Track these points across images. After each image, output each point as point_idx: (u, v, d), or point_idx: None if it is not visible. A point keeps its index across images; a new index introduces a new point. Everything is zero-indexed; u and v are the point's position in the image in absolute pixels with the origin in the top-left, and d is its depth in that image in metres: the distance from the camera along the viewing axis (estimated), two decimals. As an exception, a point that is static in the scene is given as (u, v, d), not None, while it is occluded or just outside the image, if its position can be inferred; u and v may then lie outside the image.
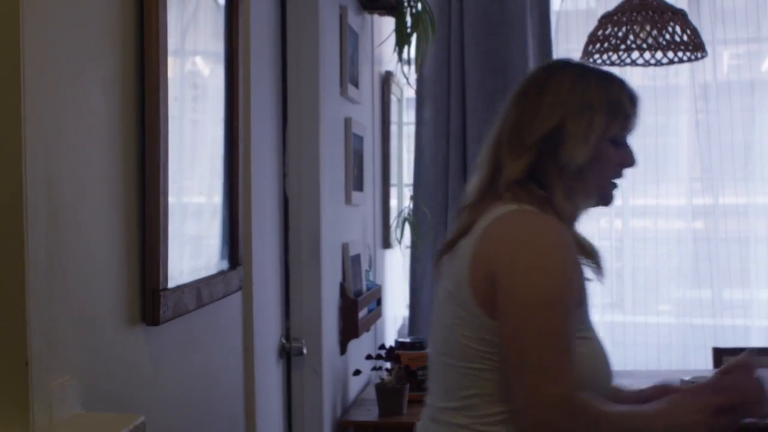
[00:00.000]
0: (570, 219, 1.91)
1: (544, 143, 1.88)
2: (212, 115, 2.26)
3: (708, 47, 3.67)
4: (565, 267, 1.81)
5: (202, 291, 2.04)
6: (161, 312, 1.82)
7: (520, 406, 1.77)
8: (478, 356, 1.82)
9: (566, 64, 2.00)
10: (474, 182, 1.98)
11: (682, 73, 4.73)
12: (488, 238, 1.83)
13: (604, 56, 3.72)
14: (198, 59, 2.20)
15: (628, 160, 1.96)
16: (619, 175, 1.98)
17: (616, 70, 4.57)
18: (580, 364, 1.80)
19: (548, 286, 1.79)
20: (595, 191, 1.93)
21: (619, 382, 2.15)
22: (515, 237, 1.84)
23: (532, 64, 4.64)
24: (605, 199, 1.98)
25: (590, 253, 1.94)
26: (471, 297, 1.81)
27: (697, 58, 3.60)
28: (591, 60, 3.74)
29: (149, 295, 1.81)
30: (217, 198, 2.26)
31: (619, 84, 1.96)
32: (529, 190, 1.88)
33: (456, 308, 1.84)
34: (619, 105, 1.92)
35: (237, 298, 2.45)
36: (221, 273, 2.22)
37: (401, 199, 4.89)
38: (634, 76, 4.76)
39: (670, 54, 3.62)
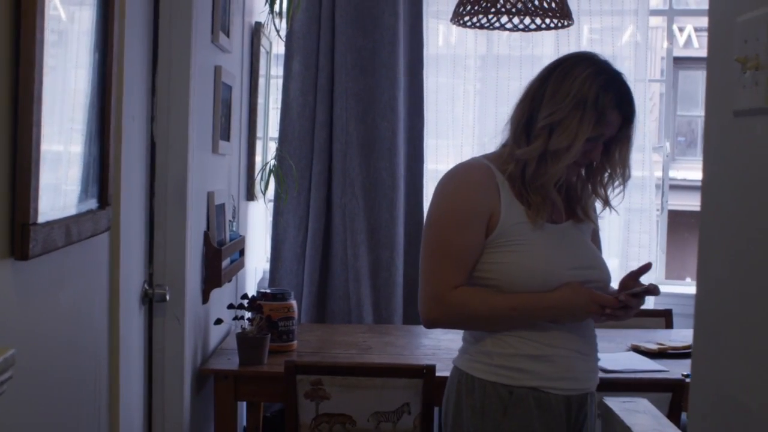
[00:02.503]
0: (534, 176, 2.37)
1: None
2: (85, 53, 2.21)
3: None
4: (465, 196, 2.35)
5: (71, 228, 2.00)
6: (30, 246, 1.78)
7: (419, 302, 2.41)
8: None
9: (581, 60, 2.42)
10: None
11: (546, 44, 4.83)
12: None
13: (474, 19, 3.78)
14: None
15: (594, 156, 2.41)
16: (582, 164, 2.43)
17: (484, 33, 4.75)
18: (500, 270, 2.32)
19: (443, 210, 2.38)
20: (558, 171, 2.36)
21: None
22: (443, 177, 2.44)
23: (402, 23, 4.68)
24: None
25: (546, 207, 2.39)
26: None
27: (564, 26, 3.68)
28: (461, 22, 3.79)
29: (18, 229, 1.77)
30: (89, 136, 2.22)
31: (615, 94, 2.35)
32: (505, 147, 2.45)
33: None
34: (604, 111, 2.32)
35: (104, 239, 2.41)
36: (90, 212, 2.19)
37: (266, 153, 4.87)
38: (500, 45, 4.87)
39: (538, 20, 3.70)
